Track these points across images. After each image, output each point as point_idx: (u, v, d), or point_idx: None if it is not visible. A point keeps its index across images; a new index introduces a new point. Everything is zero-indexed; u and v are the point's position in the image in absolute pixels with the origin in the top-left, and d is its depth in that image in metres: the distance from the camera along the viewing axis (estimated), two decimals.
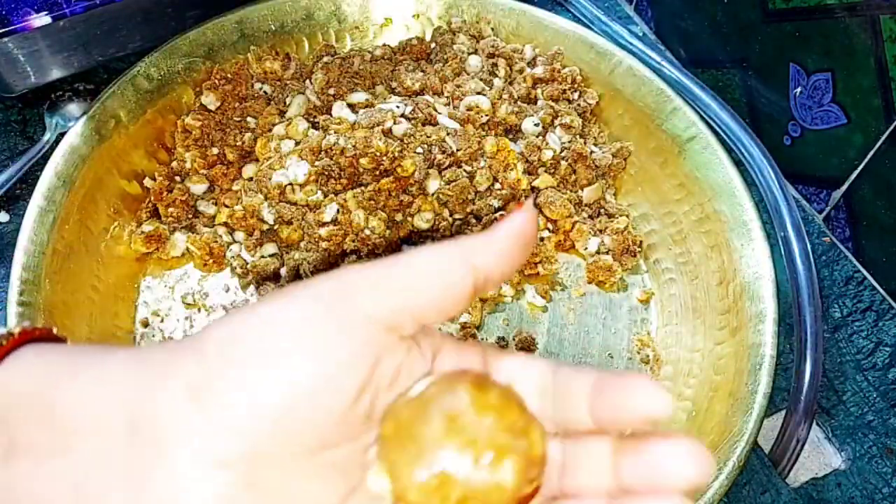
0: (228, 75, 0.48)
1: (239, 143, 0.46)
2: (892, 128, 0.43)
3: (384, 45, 0.51)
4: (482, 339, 0.44)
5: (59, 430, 0.20)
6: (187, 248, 0.45)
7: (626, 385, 0.22)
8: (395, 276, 0.22)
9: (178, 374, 0.20)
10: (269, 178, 0.43)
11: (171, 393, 0.20)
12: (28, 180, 0.42)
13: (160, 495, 0.19)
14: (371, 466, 0.22)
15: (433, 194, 0.44)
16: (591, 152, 0.48)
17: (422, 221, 0.44)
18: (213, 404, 0.20)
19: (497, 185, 0.45)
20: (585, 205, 0.47)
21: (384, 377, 0.22)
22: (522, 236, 0.23)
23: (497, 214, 0.45)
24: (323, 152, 0.43)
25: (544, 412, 0.23)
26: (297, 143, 0.45)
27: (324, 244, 0.42)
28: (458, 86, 0.47)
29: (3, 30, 0.41)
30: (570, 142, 0.47)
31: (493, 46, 0.50)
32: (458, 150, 0.44)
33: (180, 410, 0.20)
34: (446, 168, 0.44)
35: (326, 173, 0.43)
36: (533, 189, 0.46)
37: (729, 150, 0.45)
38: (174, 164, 0.46)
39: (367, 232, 0.43)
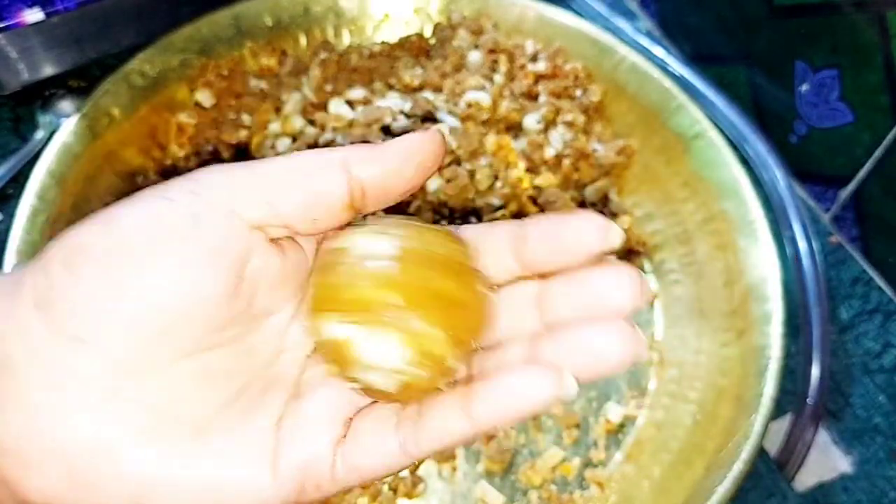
0: (224, 72, 0.47)
1: (234, 141, 0.45)
2: None
3: (383, 41, 0.50)
4: None
5: None
6: None
7: (561, 223, 0.21)
8: (259, 173, 0.20)
9: (23, 291, 0.19)
10: None
11: (17, 309, 0.19)
12: (20, 179, 0.41)
13: (15, 413, 0.19)
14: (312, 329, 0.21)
15: (433, 193, 0.43)
16: (594, 150, 0.47)
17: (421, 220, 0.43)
18: (60, 318, 0.19)
19: (498, 184, 0.45)
20: (588, 203, 0.47)
21: (259, 277, 0.20)
22: (417, 155, 0.21)
23: (498, 213, 0.44)
24: None
25: None
26: (293, 141, 0.44)
27: None
28: (458, 82, 0.47)
29: None
30: (572, 139, 0.47)
31: (493, 42, 0.49)
32: (457, 148, 0.44)
33: (26, 326, 0.19)
34: (446, 166, 0.44)
35: None
36: (535, 188, 0.46)
37: (734, 148, 0.45)
38: (168, 161, 0.46)
39: None
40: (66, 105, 0.47)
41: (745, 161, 0.47)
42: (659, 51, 0.52)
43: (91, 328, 0.19)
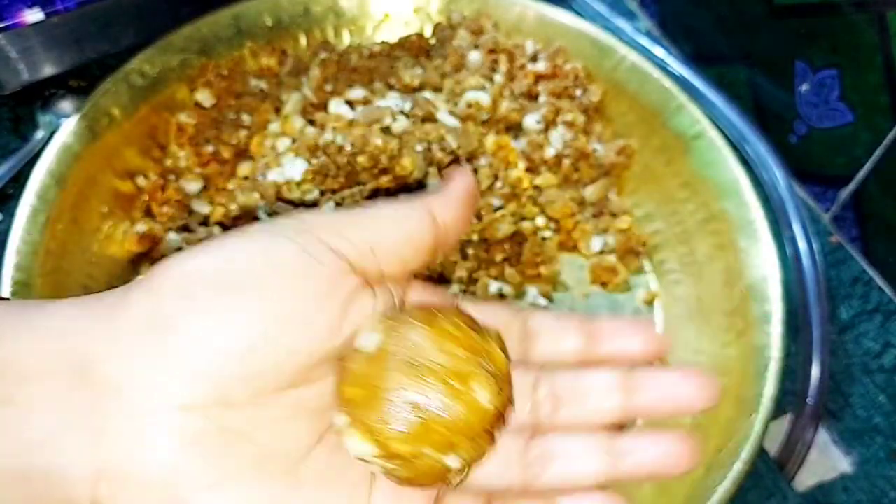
0: (224, 72, 0.47)
1: (234, 141, 0.45)
2: None
3: (383, 41, 0.50)
4: None
5: (5, 381, 0.19)
6: (181, 248, 0.44)
7: (625, 329, 0.27)
8: (357, 220, 0.22)
9: (130, 313, 0.19)
10: (265, 177, 0.43)
11: (124, 332, 0.19)
12: (20, 179, 0.42)
13: (121, 438, 0.18)
14: (346, 433, 0.21)
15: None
16: (594, 150, 0.47)
17: None
18: (174, 343, 0.18)
19: (498, 184, 0.45)
20: (588, 204, 0.47)
21: (359, 319, 0.21)
22: (470, 191, 0.25)
23: (498, 214, 0.44)
24: (320, 150, 0.43)
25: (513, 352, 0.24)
26: (293, 141, 0.44)
27: None
28: (458, 82, 0.47)
29: None
30: (572, 139, 0.47)
31: (493, 42, 0.49)
32: (458, 148, 0.44)
33: (136, 349, 0.19)
34: (446, 166, 0.44)
35: (323, 171, 0.42)
36: (535, 188, 0.46)
37: (735, 149, 0.45)
38: (168, 162, 0.46)
39: None
40: (66, 105, 0.47)
41: (745, 161, 0.47)
42: (659, 51, 0.52)
43: (206, 360, 0.19)
